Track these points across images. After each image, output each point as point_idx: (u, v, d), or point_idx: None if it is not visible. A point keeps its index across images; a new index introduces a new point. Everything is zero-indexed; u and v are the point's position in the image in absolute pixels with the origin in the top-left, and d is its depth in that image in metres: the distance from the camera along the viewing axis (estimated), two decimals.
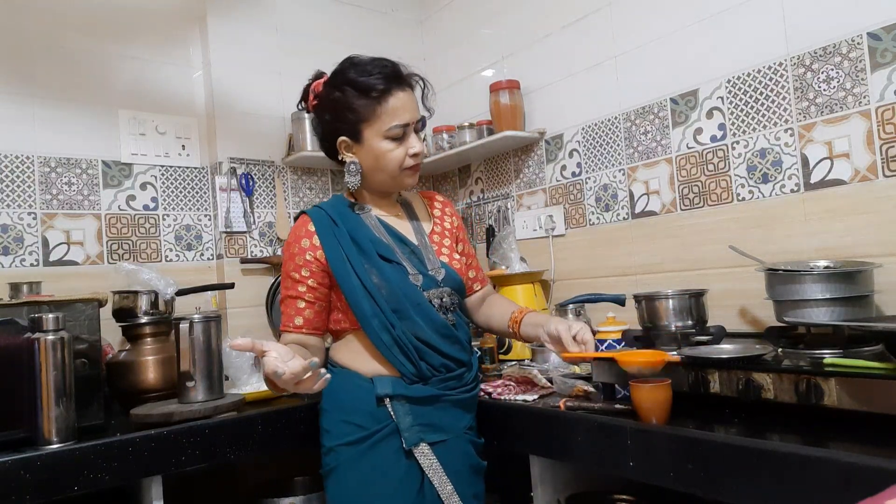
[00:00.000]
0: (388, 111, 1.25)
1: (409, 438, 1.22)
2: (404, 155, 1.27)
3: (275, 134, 2.36)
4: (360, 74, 1.25)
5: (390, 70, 1.26)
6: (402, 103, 1.26)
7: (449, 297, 1.31)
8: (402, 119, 1.25)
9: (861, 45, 1.45)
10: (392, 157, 1.27)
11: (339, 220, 1.30)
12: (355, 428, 1.25)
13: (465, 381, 1.32)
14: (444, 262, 1.34)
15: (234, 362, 1.73)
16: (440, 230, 1.41)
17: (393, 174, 1.29)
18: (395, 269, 1.27)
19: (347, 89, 1.26)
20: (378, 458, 1.23)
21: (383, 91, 1.24)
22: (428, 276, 1.30)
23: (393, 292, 1.25)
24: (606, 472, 1.26)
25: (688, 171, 1.80)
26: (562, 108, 2.17)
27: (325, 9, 2.55)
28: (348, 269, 1.26)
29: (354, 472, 1.24)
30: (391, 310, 1.24)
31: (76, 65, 2.05)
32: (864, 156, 1.45)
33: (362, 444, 1.24)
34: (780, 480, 0.90)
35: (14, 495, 1.15)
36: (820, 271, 1.29)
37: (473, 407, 1.36)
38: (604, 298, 1.75)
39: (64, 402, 1.27)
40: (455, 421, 1.29)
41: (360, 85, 1.25)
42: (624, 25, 1.96)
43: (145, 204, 2.14)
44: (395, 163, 1.27)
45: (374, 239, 1.30)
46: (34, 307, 1.35)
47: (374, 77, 1.25)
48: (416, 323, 1.25)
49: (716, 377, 1.13)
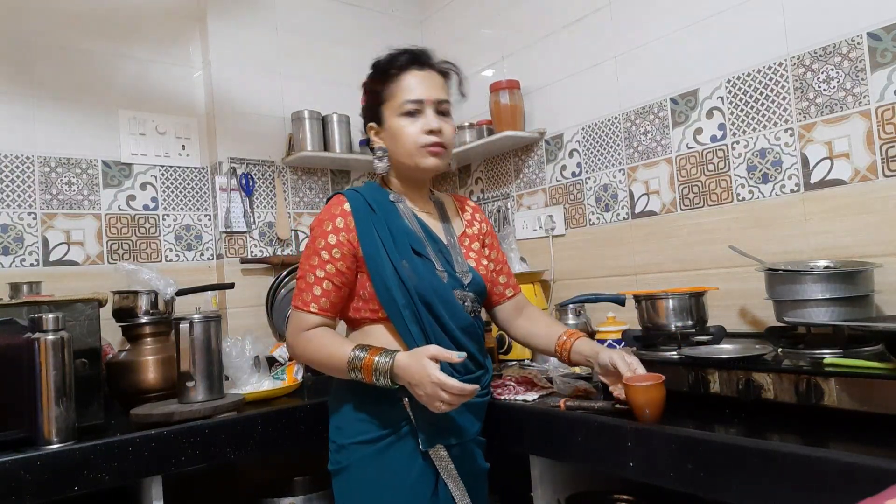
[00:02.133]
0: (402, 88, 1.25)
1: (427, 441, 1.21)
2: (419, 131, 1.24)
3: (275, 134, 2.36)
4: (384, 59, 1.29)
5: (412, 52, 1.28)
6: (417, 81, 1.25)
7: (472, 301, 1.29)
8: (415, 95, 1.24)
9: (861, 45, 1.45)
10: (407, 133, 1.24)
11: (377, 207, 1.27)
12: (371, 426, 1.23)
13: (482, 385, 1.30)
14: (472, 265, 1.32)
15: (234, 362, 1.73)
16: (470, 233, 1.39)
17: (410, 152, 1.26)
18: (424, 263, 1.25)
19: (372, 74, 1.31)
20: (393, 458, 1.21)
21: (400, 68, 1.26)
22: (454, 277, 1.27)
23: (423, 284, 1.22)
24: (606, 472, 1.26)
25: (688, 171, 1.80)
26: (562, 108, 2.17)
27: (325, 9, 2.55)
28: (383, 257, 1.22)
29: (368, 471, 1.22)
30: (422, 303, 1.22)
31: (76, 65, 2.05)
32: (864, 156, 1.45)
33: (378, 444, 1.22)
34: (780, 480, 0.90)
35: (14, 495, 1.15)
36: (820, 271, 1.29)
37: (484, 413, 1.35)
38: (604, 298, 1.75)
39: (64, 402, 1.27)
40: (469, 425, 1.28)
41: (381, 66, 1.29)
42: (624, 25, 1.96)
43: (145, 204, 2.14)
44: (411, 140, 1.24)
45: (408, 230, 1.27)
46: (34, 307, 1.35)
47: (394, 58, 1.28)
48: (442, 318, 1.23)
49: (716, 377, 1.13)
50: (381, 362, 1.13)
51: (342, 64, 2.49)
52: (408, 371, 1.11)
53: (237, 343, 1.77)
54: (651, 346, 1.40)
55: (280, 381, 1.77)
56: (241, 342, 1.78)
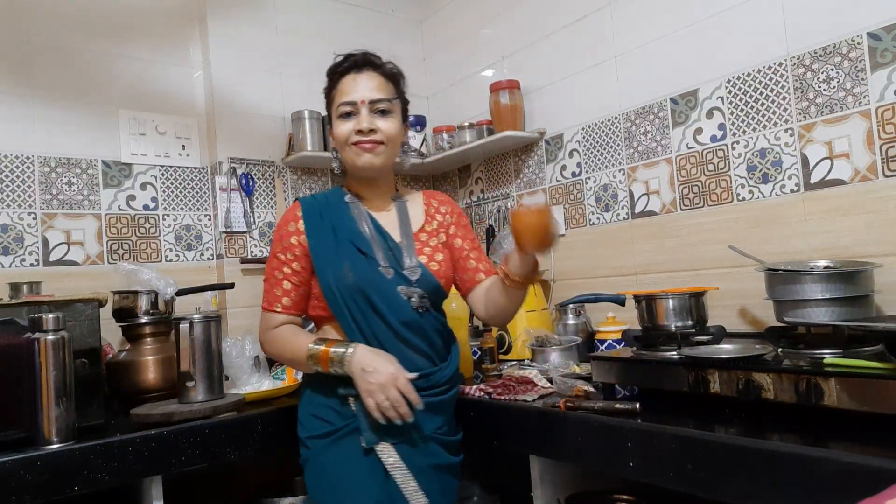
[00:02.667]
0: (339, 91, 1.33)
1: (369, 438, 1.23)
2: (349, 130, 1.30)
3: (275, 134, 2.36)
4: (331, 65, 1.37)
5: (353, 57, 1.35)
6: (353, 83, 1.32)
7: (420, 298, 1.29)
8: (349, 97, 1.31)
9: (861, 45, 1.45)
10: (338, 132, 1.32)
11: (328, 209, 1.35)
12: (322, 423, 1.29)
13: (433, 384, 1.29)
14: (422, 262, 1.33)
15: (234, 362, 1.73)
16: (430, 229, 1.40)
17: (345, 151, 1.33)
18: (368, 261, 1.29)
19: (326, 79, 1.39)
20: (342, 453, 1.25)
21: (340, 73, 1.34)
22: (401, 274, 1.30)
23: (362, 282, 1.27)
24: (606, 472, 1.26)
25: (688, 171, 1.80)
26: (562, 108, 2.17)
27: (325, 9, 2.55)
28: (327, 256, 1.29)
29: (321, 464, 1.28)
30: (363, 299, 1.26)
31: (76, 65, 2.05)
32: (864, 156, 1.45)
33: (327, 439, 1.27)
34: (780, 480, 0.90)
35: (14, 495, 1.15)
36: (820, 271, 1.29)
37: (446, 409, 1.34)
38: (604, 298, 1.75)
39: (64, 402, 1.27)
40: (421, 424, 1.26)
41: (328, 72, 1.37)
42: (624, 25, 1.96)
43: (145, 204, 2.14)
44: (342, 138, 1.31)
45: (354, 230, 1.32)
46: (34, 307, 1.35)
47: (337, 64, 1.36)
48: (383, 313, 1.26)
49: (716, 377, 1.13)
50: (338, 352, 1.22)
51: None
52: (368, 358, 1.20)
53: (237, 343, 1.77)
54: (651, 346, 1.40)
55: (280, 381, 1.78)
56: (241, 342, 1.78)
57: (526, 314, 1.98)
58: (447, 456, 1.31)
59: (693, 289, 1.49)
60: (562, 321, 1.96)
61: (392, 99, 1.34)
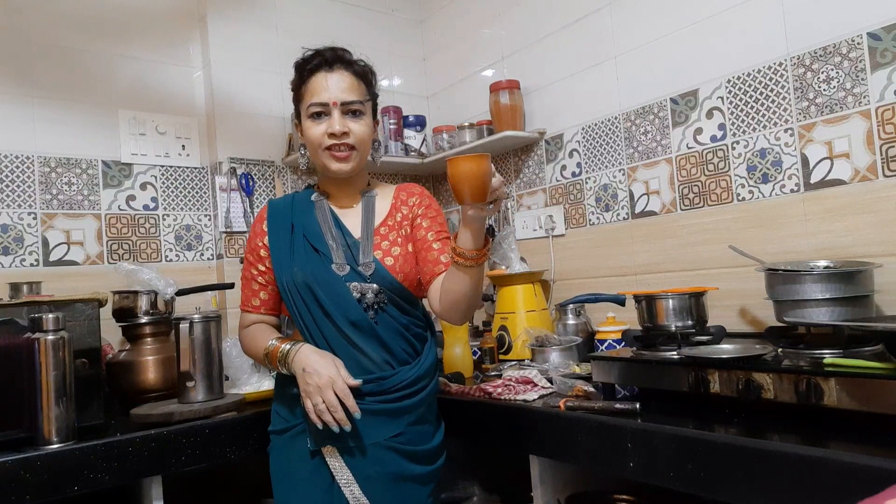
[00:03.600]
0: (310, 90, 1.28)
1: (315, 440, 1.21)
2: (322, 133, 1.26)
3: (275, 134, 2.36)
4: (301, 59, 1.31)
5: (323, 54, 1.29)
6: (325, 83, 1.27)
7: (375, 294, 1.25)
8: (320, 97, 1.26)
9: (861, 45, 1.45)
10: (310, 134, 1.28)
11: (293, 209, 1.35)
12: (280, 419, 1.31)
13: (385, 389, 1.22)
14: (377, 257, 1.28)
15: (234, 362, 1.73)
16: (392, 223, 1.33)
17: (317, 154, 1.29)
18: (319, 258, 1.28)
19: (295, 73, 1.33)
20: (293, 451, 1.25)
21: (311, 70, 1.29)
22: (355, 270, 1.26)
23: (310, 278, 1.26)
24: (606, 472, 1.26)
25: (688, 171, 1.80)
26: (562, 108, 2.17)
27: (325, 8, 2.55)
28: (281, 256, 1.30)
29: (276, 460, 1.30)
30: (312, 298, 1.25)
31: (76, 65, 2.05)
32: (864, 156, 1.45)
33: (283, 436, 1.28)
34: (780, 480, 0.90)
35: (14, 495, 1.15)
36: (820, 271, 1.29)
37: (405, 415, 1.24)
38: (604, 298, 1.75)
39: (64, 402, 1.27)
40: (372, 429, 1.20)
41: (297, 65, 1.32)
42: (624, 25, 1.96)
43: (145, 204, 2.14)
44: (315, 142, 1.28)
45: (311, 229, 1.31)
46: (34, 307, 1.35)
47: (307, 60, 1.30)
48: (330, 311, 1.24)
49: (716, 377, 1.13)
50: (283, 349, 1.23)
51: None
52: (310, 358, 1.18)
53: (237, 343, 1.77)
54: (651, 346, 1.40)
55: None
56: None
57: (526, 314, 1.98)
58: (407, 465, 1.22)
59: (693, 289, 1.49)
60: (562, 321, 1.96)
61: (364, 101, 1.30)
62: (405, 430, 1.24)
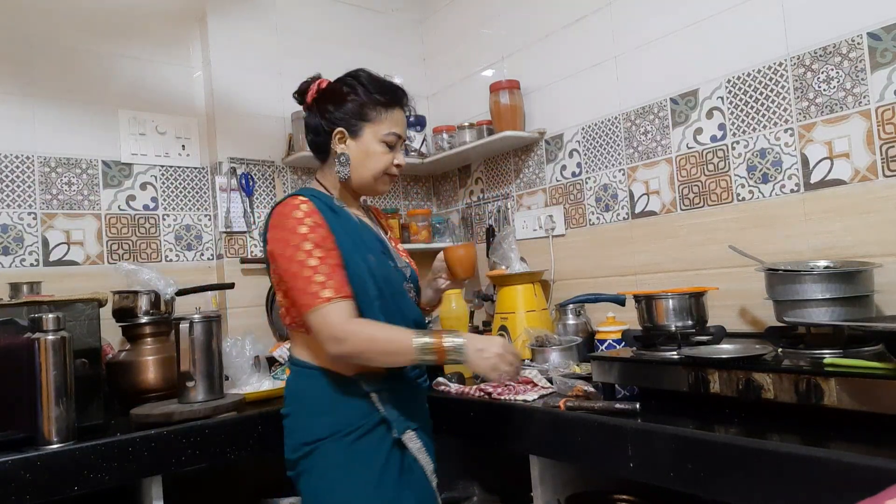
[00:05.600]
0: (391, 119, 1.37)
1: (399, 427, 1.27)
2: (390, 162, 1.36)
3: (275, 134, 2.36)
4: (375, 81, 1.38)
5: (399, 89, 1.41)
6: (401, 118, 1.39)
7: (414, 293, 1.40)
8: (399, 129, 1.38)
9: (861, 45, 1.45)
10: (381, 159, 1.36)
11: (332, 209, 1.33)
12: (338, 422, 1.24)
13: (422, 373, 1.41)
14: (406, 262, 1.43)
15: (234, 362, 1.73)
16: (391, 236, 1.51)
17: (376, 176, 1.36)
18: (381, 257, 1.33)
19: (360, 88, 1.36)
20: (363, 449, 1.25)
21: (391, 101, 1.37)
22: (399, 270, 1.38)
23: (386, 277, 1.31)
24: (606, 472, 1.26)
25: (688, 171, 1.80)
26: (562, 108, 2.17)
27: (325, 9, 2.55)
28: (355, 250, 1.28)
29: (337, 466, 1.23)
30: (389, 293, 1.30)
31: (76, 65, 2.05)
32: (864, 156, 1.45)
33: (348, 437, 1.23)
34: (780, 480, 0.90)
35: (14, 495, 1.15)
36: (820, 271, 1.29)
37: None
38: (604, 298, 1.75)
39: (64, 402, 1.27)
40: (423, 408, 1.39)
41: (374, 88, 1.37)
42: (624, 25, 1.96)
43: (145, 204, 2.14)
44: (382, 165, 1.36)
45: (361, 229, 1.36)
46: (34, 307, 1.35)
47: (386, 87, 1.38)
48: (401, 309, 1.32)
49: (716, 377, 1.13)
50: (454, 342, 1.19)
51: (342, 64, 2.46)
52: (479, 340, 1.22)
53: (237, 343, 1.78)
54: (651, 346, 1.40)
55: (280, 381, 1.77)
56: (241, 342, 1.78)
57: (526, 314, 1.98)
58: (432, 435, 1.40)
59: (693, 289, 1.49)
60: (562, 321, 1.96)
61: None
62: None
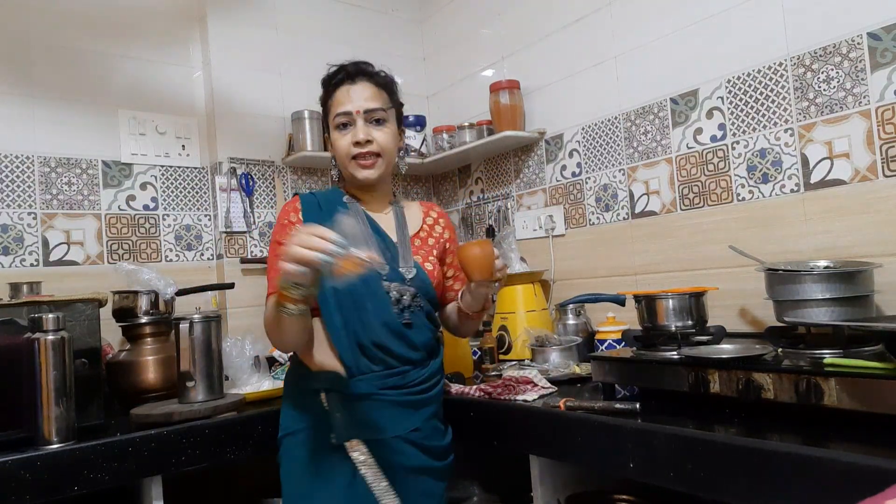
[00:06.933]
0: (335, 101, 1.34)
1: (340, 434, 1.21)
2: (348, 143, 1.30)
3: (275, 134, 2.36)
4: (326, 74, 1.37)
5: (348, 67, 1.35)
6: (348, 94, 1.32)
7: (412, 297, 1.29)
8: (344, 107, 1.31)
9: (861, 45, 1.45)
10: (338, 146, 1.32)
11: (326, 206, 1.34)
12: (295, 419, 1.28)
13: (410, 382, 1.28)
14: (418, 262, 1.34)
15: (234, 362, 1.73)
16: (426, 235, 1.42)
17: (344, 164, 1.33)
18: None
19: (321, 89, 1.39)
20: (310, 449, 1.24)
21: (335, 84, 1.34)
22: (395, 270, 1.30)
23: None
24: (606, 472, 1.26)
25: (688, 171, 1.80)
26: (562, 108, 2.17)
27: (325, 9, 2.55)
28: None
29: (289, 462, 1.27)
30: (347, 291, 1.23)
31: (76, 65, 2.05)
32: (864, 156, 1.45)
33: (297, 436, 1.26)
34: (780, 480, 0.90)
35: (14, 495, 1.15)
36: (820, 271, 1.29)
37: (425, 408, 1.30)
38: (604, 298, 1.75)
39: (64, 402, 1.27)
40: (394, 422, 1.25)
41: (323, 81, 1.38)
42: (624, 25, 1.96)
43: (145, 204, 2.14)
44: (342, 152, 1.32)
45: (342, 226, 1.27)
46: (34, 307, 1.35)
47: (332, 75, 1.36)
48: (366, 311, 1.25)
49: (716, 377, 1.13)
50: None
51: None
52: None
53: (237, 343, 1.78)
54: (651, 346, 1.40)
55: (280, 381, 1.77)
56: (241, 342, 1.78)
57: (526, 314, 1.98)
58: (426, 459, 1.28)
59: (693, 289, 1.49)
60: (562, 321, 1.96)
61: (386, 108, 1.35)
62: (422, 426, 1.28)
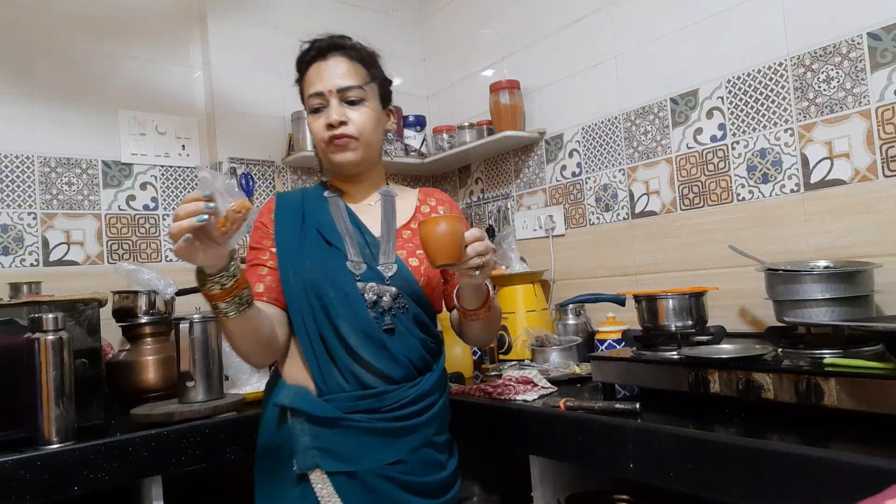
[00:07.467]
0: (307, 81, 1.21)
1: (302, 462, 1.07)
2: (322, 126, 1.17)
3: (275, 134, 2.36)
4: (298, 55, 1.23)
5: (319, 42, 1.21)
6: (319, 73, 1.18)
7: (393, 298, 1.13)
8: (315, 87, 1.18)
9: (861, 45, 1.45)
10: (313, 129, 1.20)
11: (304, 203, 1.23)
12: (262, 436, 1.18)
13: (388, 405, 1.10)
14: (401, 257, 1.17)
15: (234, 362, 1.73)
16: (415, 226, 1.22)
17: (321, 149, 1.21)
18: (332, 252, 1.16)
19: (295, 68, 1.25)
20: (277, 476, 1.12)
21: (307, 62, 1.21)
22: (374, 269, 1.15)
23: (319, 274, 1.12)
24: (606, 472, 1.26)
25: (688, 171, 1.80)
26: (562, 108, 2.17)
27: (325, 9, 2.55)
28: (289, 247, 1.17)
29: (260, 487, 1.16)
30: (315, 296, 1.11)
31: (76, 65, 2.05)
32: (864, 156, 1.45)
33: (267, 460, 1.15)
34: (780, 480, 0.90)
35: (14, 495, 1.15)
36: (820, 271, 1.29)
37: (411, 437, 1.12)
38: (604, 298, 1.75)
39: (64, 402, 1.27)
40: (368, 452, 1.08)
41: (296, 62, 1.24)
42: (624, 25, 1.96)
43: (145, 204, 2.14)
44: (318, 136, 1.19)
45: (325, 222, 1.20)
46: (34, 307, 1.35)
47: (303, 54, 1.22)
48: (337, 318, 1.11)
49: (716, 377, 1.13)
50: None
51: None
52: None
53: None
54: (651, 346, 1.40)
55: None
56: None
57: (526, 314, 1.98)
58: (408, 498, 1.09)
59: (693, 289, 1.49)
60: (562, 321, 1.96)
61: (363, 84, 1.19)
62: (407, 458, 1.10)
